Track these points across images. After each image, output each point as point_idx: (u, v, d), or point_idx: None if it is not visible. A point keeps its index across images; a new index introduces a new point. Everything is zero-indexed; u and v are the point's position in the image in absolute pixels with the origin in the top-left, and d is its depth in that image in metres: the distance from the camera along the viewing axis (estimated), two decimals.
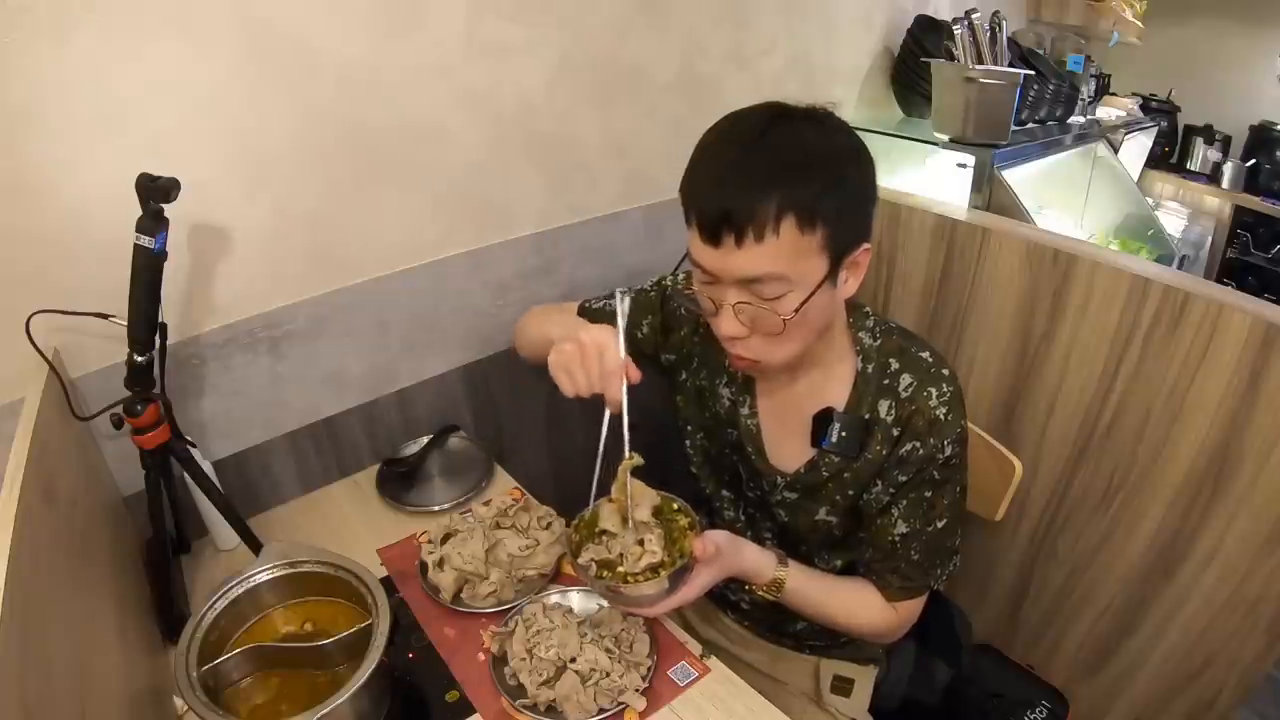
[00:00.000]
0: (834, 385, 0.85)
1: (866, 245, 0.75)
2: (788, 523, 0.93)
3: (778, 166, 0.68)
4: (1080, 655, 1.34)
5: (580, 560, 0.78)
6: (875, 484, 0.86)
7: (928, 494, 0.84)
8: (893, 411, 0.83)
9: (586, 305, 1.05)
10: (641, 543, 0.77)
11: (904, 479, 0.84)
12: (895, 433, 0.83)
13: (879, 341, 0.85)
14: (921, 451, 0.82)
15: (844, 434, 0.84)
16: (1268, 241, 3.08)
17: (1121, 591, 1.24)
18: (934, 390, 0.81)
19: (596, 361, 0.75)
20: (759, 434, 0.92)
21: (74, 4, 0.79)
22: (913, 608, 0.91)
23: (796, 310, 0.71)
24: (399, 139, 1.07)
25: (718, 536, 0.79)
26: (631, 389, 0.75)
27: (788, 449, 0.90)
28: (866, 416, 0.84)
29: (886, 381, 0.83)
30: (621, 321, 0.76)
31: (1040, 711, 1.18)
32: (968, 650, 1.16)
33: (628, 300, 0.78)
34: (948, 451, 0.82)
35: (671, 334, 0.99)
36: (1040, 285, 1.22)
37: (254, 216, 0.99)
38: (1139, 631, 1.23)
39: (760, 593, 0.86)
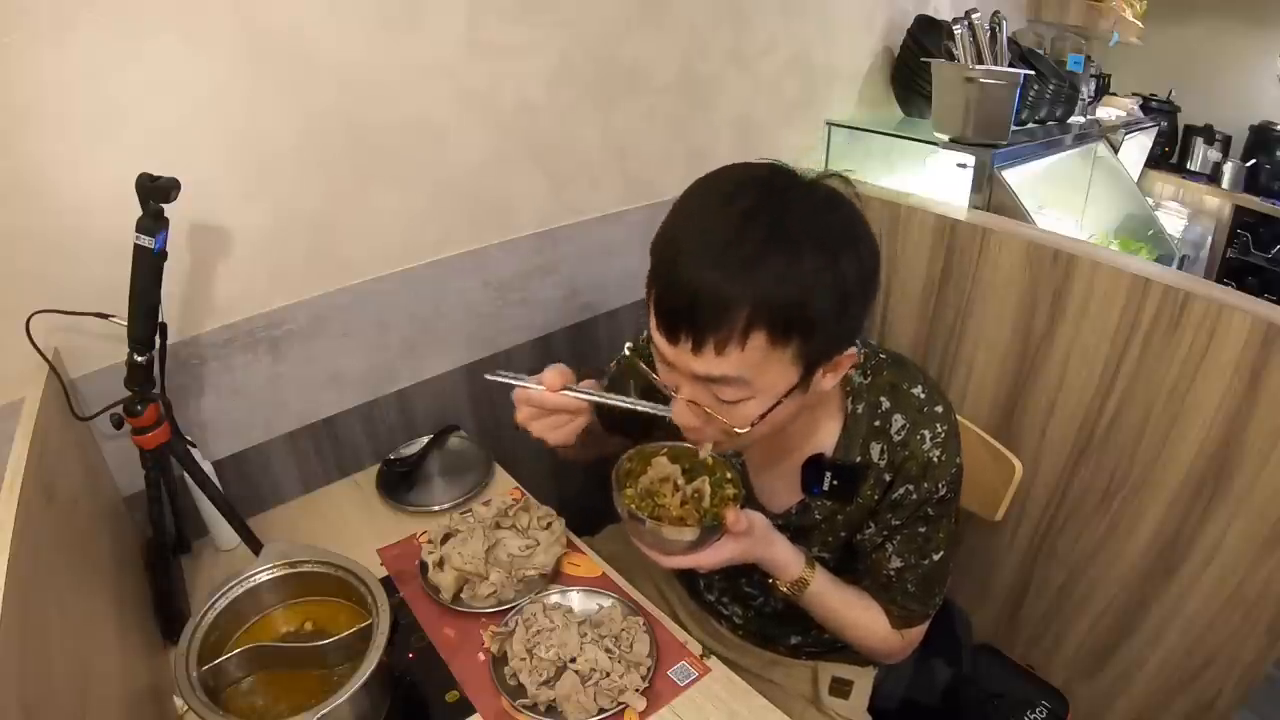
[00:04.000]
0: (823, 428, 0.82)
1: (852, 350, 0.68)
2: None
3: (756, 268, 0.58)
4: (1080, 655, 1.34)
5: (626, 493, 0.78)
6: (868, 526, 0.84)
7: (922, 530, 0.82)
8: (885, 455, 0.80)
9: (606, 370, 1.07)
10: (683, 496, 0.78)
11: (897, 521, 0.82)
12: (887, 478, 0.80)
13: (869, 379, 0.81)
14: (915, 496, 0.80)
15: (835, 482, 0.81)
16: (1268, 241, 3.08)
17: (1121, 591, 1.24)
18: (927, 433, 0.78)
19: (525, 397, 0.77)
20: (745, 473, 0.89)
21: (74, 4, 0.79)
22: (918, 632, 0.90)
23: (755, 422, 0.66)
24: (399, 139, 1.07)
25: (755, 517, 0.78)
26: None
27: (777, 490, 0.88)
28: (858, 460, 0.80)
29: (878, 423, 0.80)
30: (515, 381, 0.77)
31: (1040, 711, 1.17)
32: (968, 650, 1.16)
33: (499, 371, 0.78)
34: (941, 491, 0.80)
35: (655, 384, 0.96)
36: (1040, 285, 1.22)
37: (254, 216, 0.99)
38: (1139, 632, 1.23)
39: (782, 589, 0.84)
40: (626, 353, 0.84)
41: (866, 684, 1.05)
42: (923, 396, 0.80)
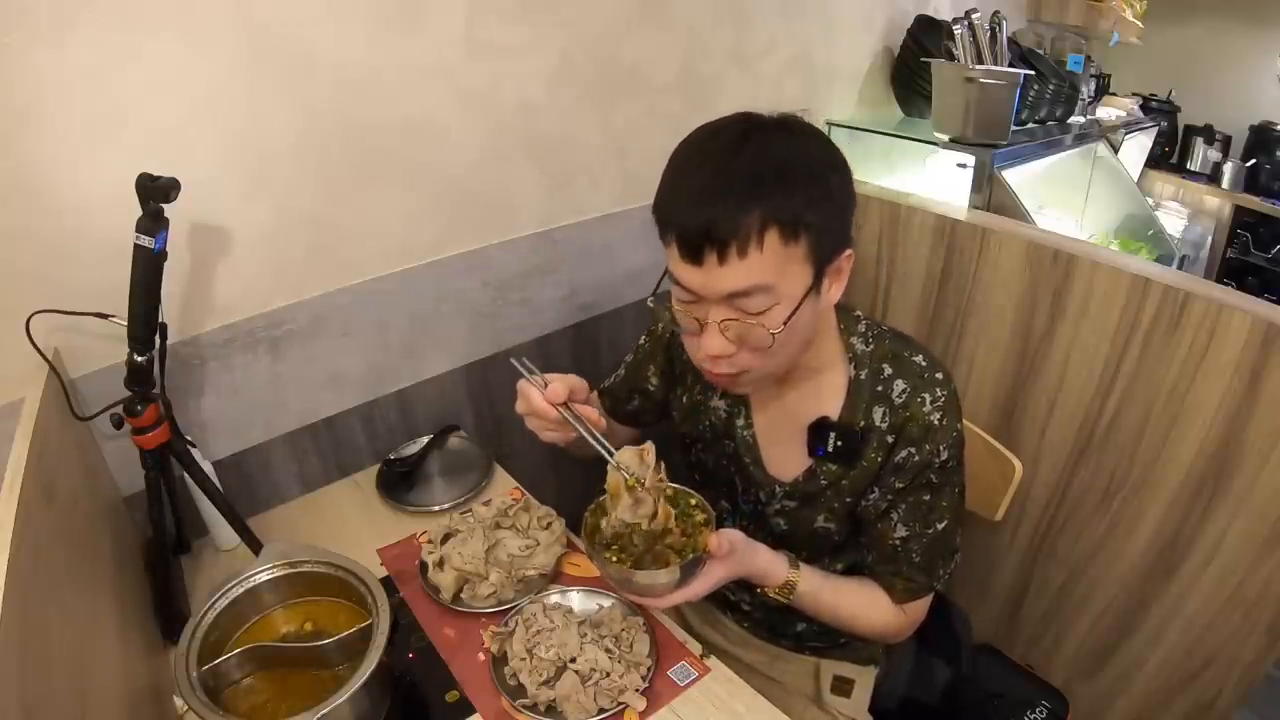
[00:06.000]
0: (828, 393, 0.85)
1: (849, 251, 0.75)
2: (786, 531, 0.93)
3: (758, 178, 0.67)
4: (1080, 655, 1.34)
5: (596, 540, 0.79)
6: (872, 491, 0.86)
7: (926, 497, 0.84)
8: (887, 418, 0.82)
9: (604, 388, 1.08)
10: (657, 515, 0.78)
11: (901, 485, 0.83)
12: (890, 440, 0.82)
13: (871, 347, 0.84)
14: (917, 458, 0.81)
15: (839, 443, 0.83)
16: (1268, 241, 3.08)
17: (1121, 591, 1.24)
18: (927, 396, 0.81)
19: (530, 406, 0.80)
20: (756, 444, 0.91)
21: (74, 4, 0.79)
22: (920, 607, 0.91)
23: (785, 323, 0.71)
24: (399, 139, 1.07)
25: (733, 535, 0.79)
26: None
27: (785, 458, 0.90)
28: (861, 424, 0.83)
29: (880, 388, 0.83)
30: (526, 374, 0.80)
31: (1040, 711, 1.18)
32: (968, 650, 1.16)
33: (518, 361, 0.82)
34: (944, 456, 0.82)
35: (675, 365, 0.99)
36: (1040, 285, 1.22)
37: (254, 216, 0.99)
38: (1139, 631, 1.23)
39: (772, 595, 0.85)
40: (650, 304, 0.86)
41: (868, 682, 1.05)
42: (924, 364, 0.83)
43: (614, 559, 0.77)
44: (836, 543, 0.92)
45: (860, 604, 0.89)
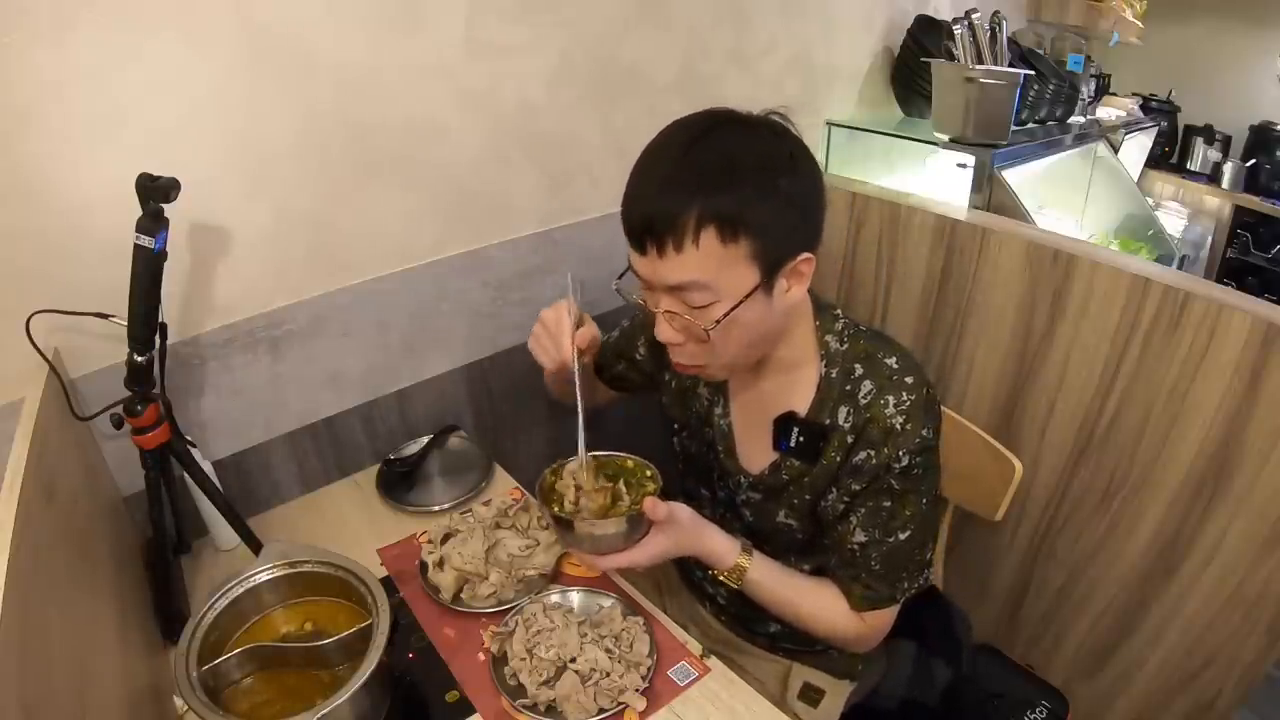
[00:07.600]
0: (800, 389, 0.85)
1: (808, 255, 0.74)
2: (753, 523, 0.94)
3: (701, 176, 0.68)
4: (1080, 655, 1.34)
5: (545, 488, 0.83)
6: (831, 491, 0.85)
7: (886, 503, 0.82)
8: (850, 418, 0.82)
9: (606, 340, 1.09)
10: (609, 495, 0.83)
11: (858, 488, 0.82)
12: (850, 440, 0.82)
13: (846, 346, 0.84)
14: (875, 461, 0.80)
15: (802, 439, 0.84)
16: (1268, 241, 3.08)
17: (1121, 591, 1.24)
18: (892, 398, 0.79)
19: (555, 328, 0.85)
20: (730, 434, 0.92)
21: (74, 4, 0.79)
22: (882, 619, 0.88)
23: (719, 321, 0.72)
24: (399, 139, 1.07)
25: (677, 508, 0.80)
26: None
27: (755, 450, 0.90)
28: (826, 422, 0.83)
29: (849, 388, 0.82)
30: (572, 295, 0.86)
31: (1040, 711, 1.18)
32: (968, 650, 1.16)
33: (572, 280, 0.88)
34: (904, 461, 0.80)
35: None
36: (1040, 285, 1.22)
37: (254, 216, 0.99)
38: (1139, 632, 1.23)
39: (722, 578, 0.86)
40: (615, 287, 0.86)
41: (839, 697, 1.03)
42: (895, 366, 0.82)
43: (558, 507, 0.80)
44: (801, 541, 0.92)
45: (817, 604, 0.88)
